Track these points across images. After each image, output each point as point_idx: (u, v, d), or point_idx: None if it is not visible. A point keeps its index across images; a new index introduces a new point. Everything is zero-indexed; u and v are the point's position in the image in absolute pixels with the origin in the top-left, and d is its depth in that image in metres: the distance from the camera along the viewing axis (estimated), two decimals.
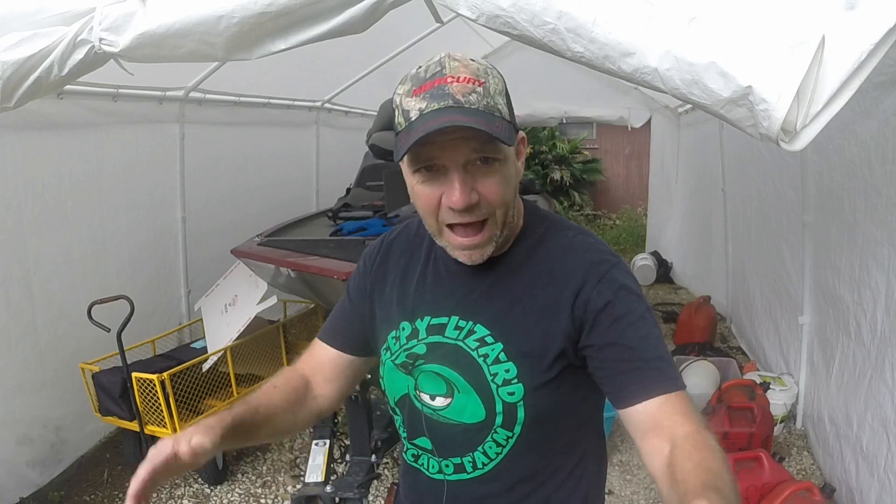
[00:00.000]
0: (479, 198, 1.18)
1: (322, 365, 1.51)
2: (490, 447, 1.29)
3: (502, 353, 1.26)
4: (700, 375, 4.55)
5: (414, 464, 1.42)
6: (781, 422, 4.20)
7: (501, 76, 1.23)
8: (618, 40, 1.58)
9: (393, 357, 1.38)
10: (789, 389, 4.21)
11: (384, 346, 1.41)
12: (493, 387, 1.25)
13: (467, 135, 1.13)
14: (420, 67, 1.19)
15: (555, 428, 1.30)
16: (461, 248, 1.24)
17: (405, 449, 1.44)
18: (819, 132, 1.42)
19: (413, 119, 1.14)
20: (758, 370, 4.68)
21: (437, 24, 2.62)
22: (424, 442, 1.37)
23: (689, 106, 6.83)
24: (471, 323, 1.30)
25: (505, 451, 1.29)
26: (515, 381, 1.24)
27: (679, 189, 8.34)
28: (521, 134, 1.27)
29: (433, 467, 1.38)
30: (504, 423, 1.26)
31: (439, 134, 1.11)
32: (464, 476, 1.34)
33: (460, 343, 1.30)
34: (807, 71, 1.35)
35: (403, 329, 1.38)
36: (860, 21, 1.36)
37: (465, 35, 5.96)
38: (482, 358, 1.27)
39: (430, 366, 1.32)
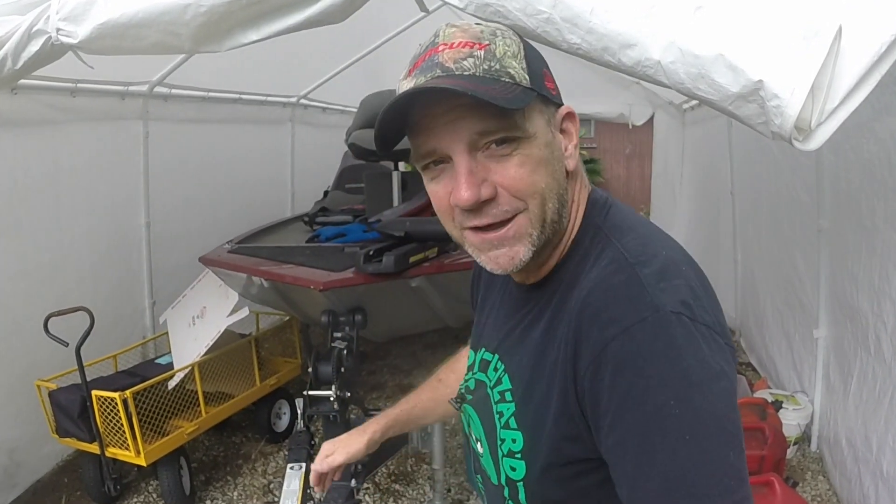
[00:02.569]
0: (494, 191, 0.97)
1: None
2: None
3: (513, 418, 1.09)
4: None
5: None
6: (795, 444, 4.20)
7: (520, 39, 1.04)
8: (618, 31, 1.58)
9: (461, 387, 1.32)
10: (803, 409, 4.22)
11: None
12: (500, 454, 1.11)
13: (463, 113, 0.95)
14: (420, 44, 1.05)
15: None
16: (484, 248, 1.03)
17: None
18: (835, 130, 1.42)
19: None
20: (769, 388, 4.70)
21: (423, 14, 2.61)
22: (478, 481, 1.26)
23: (694, 102, 6.86)
24: (503, 367, 1.15)
25: None
26: (519, 456, 1.07)
27: (684, 191, 8.35)
28: (567, 108, 1.08)
29: None
30: (510, 496, 1.12)
31: (429, 118, 0.97)
32: None
33: (490, 390, 1.16)
34: (822, 64, 1.35)
35: (470, 357, 1.30)
36: (879, 10, 1.36)
37: None
38: (498, 416, 1.12)
39: (470, 407, 1.23)
